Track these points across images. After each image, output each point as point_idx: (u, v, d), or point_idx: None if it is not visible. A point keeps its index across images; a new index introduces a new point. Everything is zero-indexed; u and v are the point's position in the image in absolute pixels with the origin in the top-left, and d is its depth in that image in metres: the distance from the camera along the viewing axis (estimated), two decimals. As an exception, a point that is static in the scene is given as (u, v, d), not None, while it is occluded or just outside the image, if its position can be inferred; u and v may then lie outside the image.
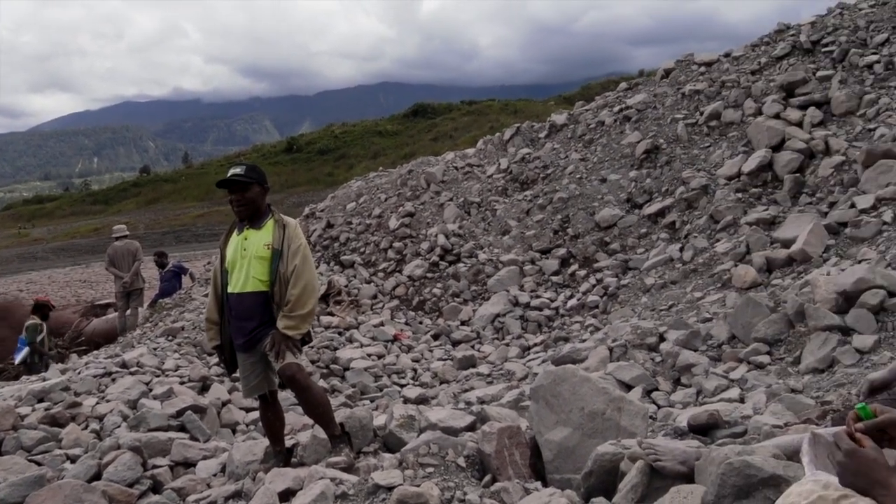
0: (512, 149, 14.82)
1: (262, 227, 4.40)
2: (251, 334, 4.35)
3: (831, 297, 5.60)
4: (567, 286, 10.61)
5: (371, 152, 58.95)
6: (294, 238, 4.37)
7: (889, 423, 1.70)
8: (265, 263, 4.31)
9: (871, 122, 9.28)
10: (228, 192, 4.36)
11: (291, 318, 4.26)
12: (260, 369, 4.42)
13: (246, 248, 4.33)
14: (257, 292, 4.32)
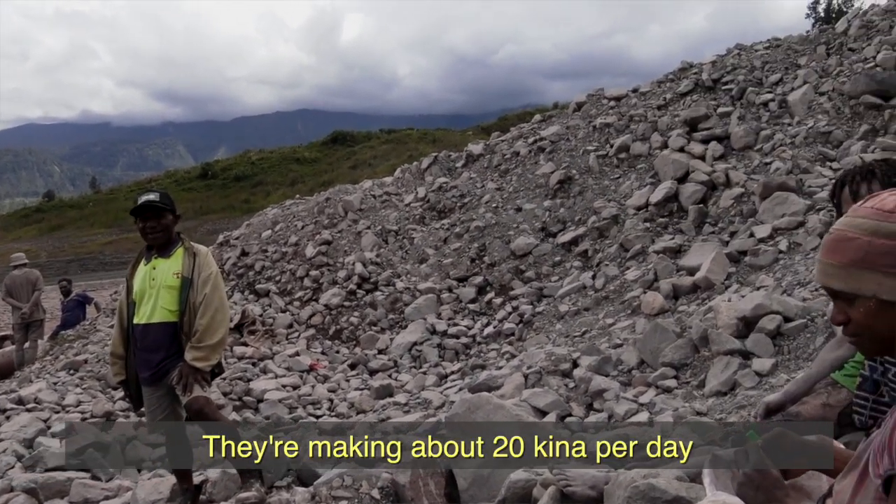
0: (429, 177, 14.95)
1: (172, 255, 4.28)
2: (158, 367, 4.20)
3: (732, 323, 5.85)
4: (484, 314, 10.72)
5: (289, 179, 58.21)
6: (205, 266, 4.27)
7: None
8: (174, 293, 4.19)
9: (768, 157, 9.82)
10: (140, 219, 4.22)
11: (200, 349, 4.14)
12: (167, 403, 4.27)
13: (154, 278, 4.21)
14: (165, 323, 4.19)
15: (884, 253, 1.40)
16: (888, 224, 1.41)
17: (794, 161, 9.19)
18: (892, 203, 1.43)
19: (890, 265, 1.40)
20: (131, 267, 4.40)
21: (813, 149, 9.40)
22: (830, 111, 9.91)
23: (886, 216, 1.42)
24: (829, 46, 11.55)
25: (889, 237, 1.40)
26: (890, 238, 1.40)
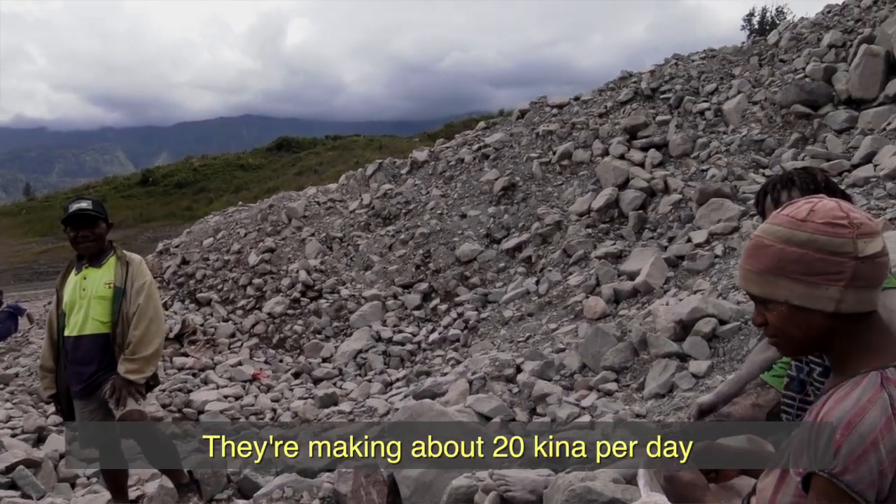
0: (374, 184, 14.91)
1: (103, 264, 4.13)
2: (90, 380, 4.06)
3: (670, 326, 5.99)
4: (429, 320, 10.72)
5: (233, 186, 57.18)
6: (138, 275, 4.14)
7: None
8: (106, 304, 4.05)
9: (704, 164, 10.08)
10: (72, 228, 4.06)
11: (133, 361, 4.02)
12: (99, 417, 4.13)
13: (85, 288, 4.07)
14: (97, 335, 4.05)
15: (795, 260, 1.45)
16: (799, 232, 1.46)
17: (729, 168, 9.46)
18: (806, 211, 1.48)
19: (800, 272, 1.45)
20: (61, 277, 4.25)
21: (747, 156, 9.69)
22: (763, 120, 10.24)
23: (799, 224, 1.47)
24: (762, 57, 11.94)
25: (800, 245, 1.45)
26: (801, 246, 1.45)
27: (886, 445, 1.33)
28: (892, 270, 2.57)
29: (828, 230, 1.43)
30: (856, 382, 1.41)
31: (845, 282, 1.41)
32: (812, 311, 1.46)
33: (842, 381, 1.45)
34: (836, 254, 1.41)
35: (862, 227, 1.41)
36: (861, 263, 1.40)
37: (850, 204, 1.48)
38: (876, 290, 1.43)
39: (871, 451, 1.33)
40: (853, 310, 1.43)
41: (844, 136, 8.94)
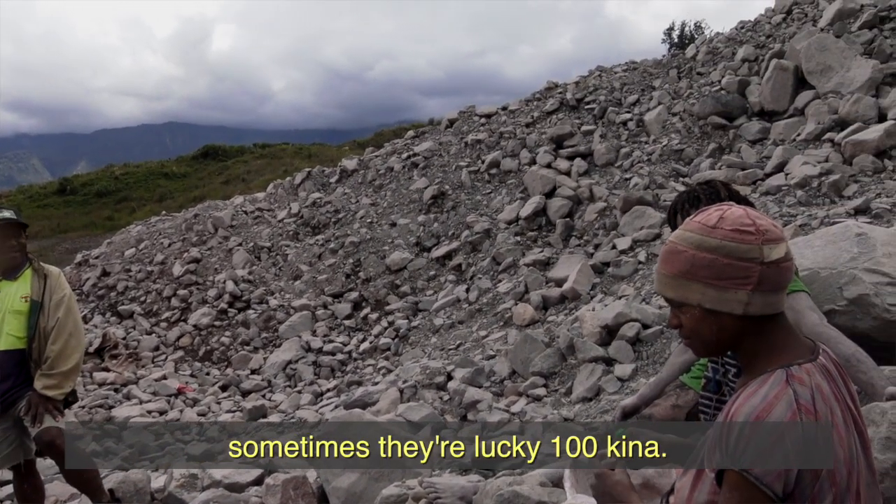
0: (303, 193, 14.75)
1: (19, 277, 3.97)
2: (3, 397, 3.89)
3: (596, 331, 6.13)
4: (360, 329, 10.67)
5: (157, 195, 55.43)
6: (57, 289, 4.00)
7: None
8: (22, 318, 3.89)
9: (627, 173, 10.37)
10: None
11: (51, 377, 3.86)
12: (14, 436, 3.95)
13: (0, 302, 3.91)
14: (12, 350, 3.87)
15: (705, 265, 1.52)
16: (710, 238, 1.53)
17: (650, 177, 9.76)
18: (716, 219, 1.55)
19: (711, 277, 1.52)
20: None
21: (667, 165, 10.01)
22: (682, 130, 10.60)
23: (709, 231, 1.54)
24: (680, 70, 12.37)
25: (710, 251, 1.52)
26: (711, 252, 1.52)
27: (792, 440, 1.40)
28: (797, 274, 2.70)
29: (735, 237, 1.50)
30: (763, 380, 1.48)
31: (752, 286, 1.48)
32: (722, 314, 1.53)
33: (751, 379, 1.52)
34: (743, 259, 1.49)
35: (767, 233, 1.49)
36: (767, 268, 1.47)
37: (756, 211, 1.56)
38: (781, 293, 1.51)
39: (778, 445, 1.40)
40: (760, 312, 1.51)
41: (758, 147, 9.34)
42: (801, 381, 1.45)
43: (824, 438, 1.42)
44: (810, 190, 7.60)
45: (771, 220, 1.53)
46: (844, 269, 2.91)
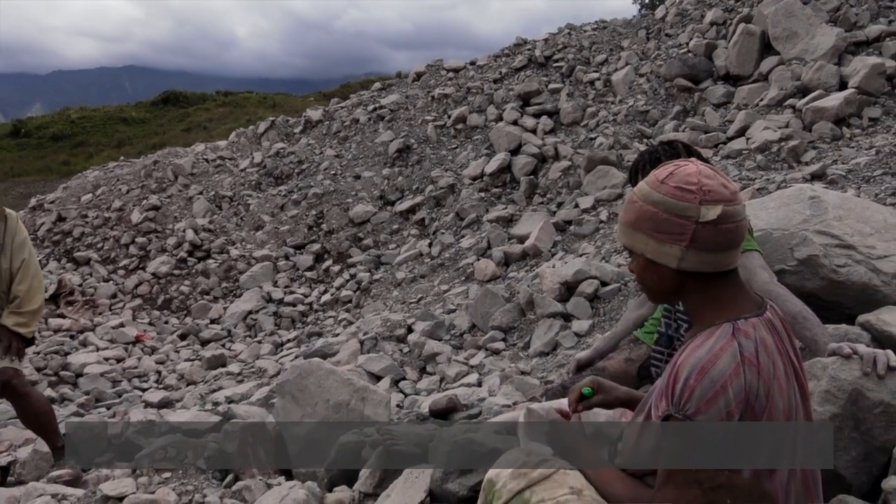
0: (266, 143, 14.53)
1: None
2: None
3: (555, 287, 6.21)
4: (321, 281, 10.66)
5: (115, 140, 53.99)
6: (18, 231, 4.02)
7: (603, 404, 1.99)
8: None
9: (593, 132, 10.41)
10: None
11: (22, 315, 3.94)
12: None
13: None
14: None
15: (648, 218, 1.58)
16: (656, 192, 1.58)
17: (615, 137, 9.81)
18: (665, 174, 1.59)
19: (652, 229, 1.57)
20: None
21: (632, 126, 10.06)
22: (648, 92, 10.64)
23: (657, 185, 1.59)
24: (649, 31, 12.35)
25: (653, 204, 1.58)
26: (654, 205, 1.57)
27: (734, 389, 1.46)
28: (751, 234, 2.77)
29: (676, 193, 1.55)
30: (710, 332, 1.54)
31: (686, 242, 1.54)
32: (661, 265, 1.59)
33: (699, 331, 1.58)
34: (680, 216, 1.54)
35: (709, 193, 1.52)
36: (702, 227, 1.52)
37: (712, 171, 1.58)
38: (722, 253, 1.54)
39: (721, 394, 1.46)
40: (694, 269, 1.56)
41: (721, 110, 9.43)
42: (747, 335, 1.51)
43: (765, 389, 1.49)
44: (770, 154, 7.72)
45: (725, 181, 1.56)
46: (796, 231, 2.99)
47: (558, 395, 3.01)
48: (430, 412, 4.25)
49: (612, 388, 2.02)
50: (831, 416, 2.05)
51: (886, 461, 2.05)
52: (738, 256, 1.58)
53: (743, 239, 1.57)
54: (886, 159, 6.56)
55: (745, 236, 1.59)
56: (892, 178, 6.04)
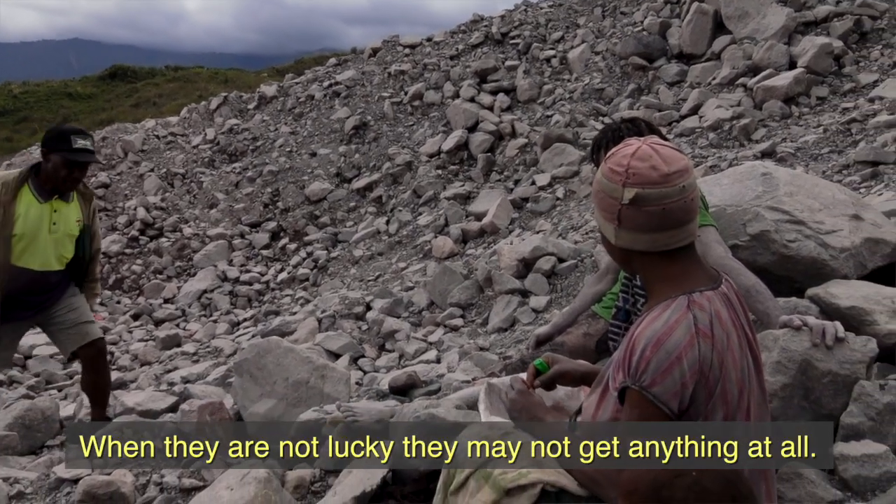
0: (219, 119, 14.25)
1: (71, 200, 3.98)
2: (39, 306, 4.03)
3: (513, 264, 6.26)
4: (277, 260, 10.56)
5: (60, 116, 52.36)
6: (95, 211, 4.18)
7: (558, 375, 2.01)
8: (73, 240, 4.00)
9: (549, 110, 10.46)
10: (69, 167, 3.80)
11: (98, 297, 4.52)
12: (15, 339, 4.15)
13: (56, 223, 3.89)
14: (61, 270, 4.01)
15: (599, 200, 1.63)
16: (600, 171, 1.63)
17: (571, 115, 9.87)
18: (610, 153, 1.63)
19: (597, 206, 1.64)
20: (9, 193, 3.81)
21: (588, 104, 10.14)
22: (604, 70, 10.72)
23: (603, 164, 1.63)
24: (605, 9, 12.40)
25: (597, 182, 1.64)
26: (597, 184, 1.64)
27: (689, 361, 1.49)
28: (706, 209, 2.82)
29: (608, 174, 1.60)
30: (666, 305, 1.57)
31: (617, 221, 1.58)
32: (607, 240, 1.65)
33: (655, 304, 1.61)
34: (610, 196, 1.59)
35: (633, 177, 1.55)
36: (626, 208, 1.55)
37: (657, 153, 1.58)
38: (654, 233, 1.55)
39: (676, 365, 1.49)
40: (628, 246, 1.60)
41: (675, 89, 9.56)
42: (701, 307, 1.54)
43: (718, 360, 1.53)
44: (722, 133, 7.87)
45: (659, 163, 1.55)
46: (749, 207, 3.05)
47: (517, 370, 3.04)
48: (390, 389, 4.25)
49: (566, 362, 2.04)
50: (782, 385, 2.12)
51: (834, 429, 2.12)
52: (684, 236, 1.58)
53: (685, 221, 1.57)
54: (833, 137, 6.74)
55: (688, 218, 1.58)
56: (839, 156, 6.21)
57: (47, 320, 4.08)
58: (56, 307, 4.03)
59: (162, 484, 3.39)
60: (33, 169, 3.90)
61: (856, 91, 7.81)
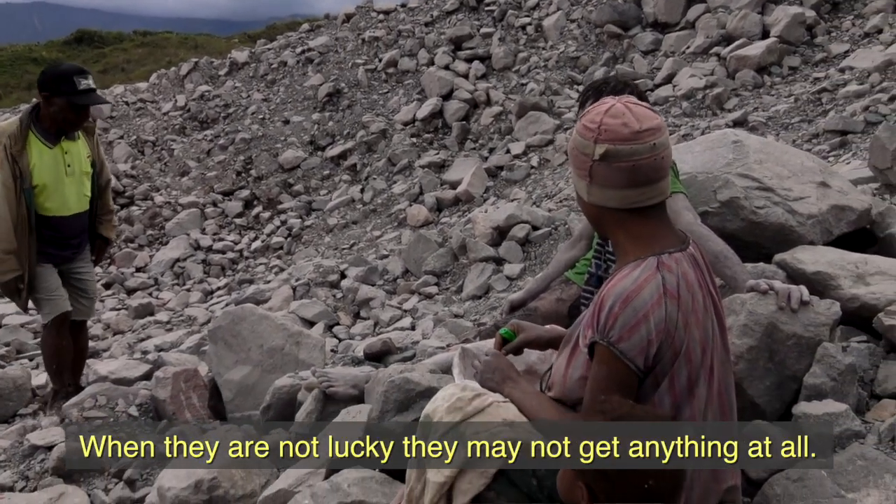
0: (190, 85, 14.01)
1: (78, 137, 3.97)
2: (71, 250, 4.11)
3: (488, 232, 6.29)
4: (251, 228, 10.49)
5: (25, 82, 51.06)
6: (98, 142, 4.20)
7: (524, 343, 2.04)
8: (89, 178, 4.02)
9: (524, 78, 10.42)
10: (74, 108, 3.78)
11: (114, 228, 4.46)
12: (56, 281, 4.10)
13: (70, 164, 3.87)
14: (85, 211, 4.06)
15: (573, 157, 1.67)
16: (576, 133, 1.66)
17: (546, 83, 9.85)
18: (586, 111, 1.65)
19: (571, 162, 1.67)
20: (17, 143, 3.73)
21: (563, 72, 10.12)
22: (579, 38, 10.68)
23: (579, 127, 1.65)
24: (581, -24, 12.33)
25: (572, 139, 1.67)
26: (571, 141, 1.67)
27: (655, 319, 1.54)
28: (677, 177, 2.86)
29: (581, 130, 1.63)
30: (636, 265, 1.60)
31: (588, 178, 1.61)
32: (580, 196, 1.68)
33: (624, 264, 1.65)
34: (582, 152, 1.62)
35: (605, 133, 1.57)
36: (597, 164, 1.58)
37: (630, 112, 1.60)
38: (624, 190, 1.58)
39: (643, 323, 1.53)
40: (600, 203, 1.64)
41: (650, 58, 9.57)
42: (670, 269, 1.58)
43: (683, 321, 1.57)
44: (695, 102, 7.92)
45: (631, 121, 1.56)
46: (719, 174, 3.09)
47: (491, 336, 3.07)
48: (365, 356, 4.28)
49: (532, 328, 2.07)
50: (748, 347, 2.17)
51: (797, 388, 2.19)
52: (654, 194, 1.60)
53: (655, 179, 1.59)
54: (804, 107, 6.81)
55: (658, 176, 1.60)
56: (809, 125, 6.29)
57: (69, 273, 4.11)
58: (78, 264, 4.11)
59: (137, 450, 3.41)
60: (32, 113, 3.83)
61: (827, 61, 7.88)
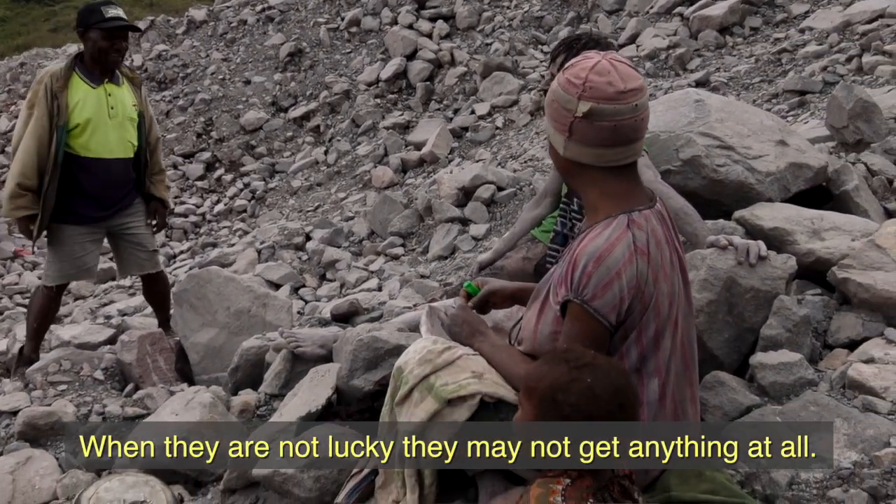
0: (146, 44, 13.64)
1: (121, 83, 3.85)
2: (116, 205, 3.91)
3: (453, 193, 6.30)
4: (213, 191, 10.35)
5: (-29, 40, 49.32)
6: (146, 97, 4.06)
7: (489, 294, 2.07)
8: (135, 126, 3.88)
9: (489, 38, 10.34)
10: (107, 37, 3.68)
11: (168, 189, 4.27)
12: (95, 250, 4.00)
13: (114, 107, 3.76)
14: (128, 158, 3.90)
15: (548, 104, 1.69)
16: (555, 81, 1.67)
17: (511, 43, 9.80)
18: (569, 65, 1.66)
19: (550, 115, 1.68)
20: (59, 81, 3.67)
21: (527, 32, 10.07)
22: (544, -3, 10.62)
23: (560, 75, 1.66)
24: (545, -67, 12.19)
25: (552, 92, 1.69)
26: (552, 93, 1.69)
27: (627, 276, 1.57)
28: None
29: (565, 85, 1.63)
30: (607, 224, 1.64)
31: (567, 133, 1.63)
32: (555, 149, 1.70)
33: (594, 223, 1.68)
34: (564, 107, 1.63)
35: (590, 90, 1.59)
36: (578, 121, 1.60)
37: (613, 69, 1.62)
38: (601, 148, 1.60)
39: (615, 281, 1.57)
40: (576, 159, 1.66)
41: (614, 17, 9.55)
42: (640, 226, 1.62)
43: (653, 276, 1.61)
44: (658, 62, 7.95)
45: (616, 79, 1.59)
46: (682, 133, 3.13)
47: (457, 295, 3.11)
48: (332, 317, 4.28)
49: (494, 282, 2.11)
50: (708, 301, 2.24)
51: (755, 340, 2.27)
52: (630, 153, 1.64)
53: (633, 139, 1.62)
54: (764, 67, 6.89)
55: (636, 136, 1.63)
56: (769, 85, 6.37)
57: (119, 231, 3.99)
58: (127, 219, 3.96)
59: (104, 413, 3.39)
60: (78, 57, 3.82)
61: (787, 21, 7.95)
